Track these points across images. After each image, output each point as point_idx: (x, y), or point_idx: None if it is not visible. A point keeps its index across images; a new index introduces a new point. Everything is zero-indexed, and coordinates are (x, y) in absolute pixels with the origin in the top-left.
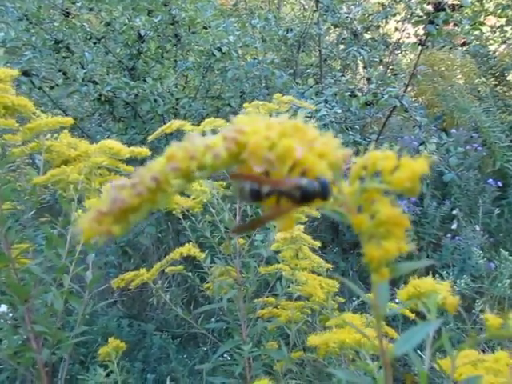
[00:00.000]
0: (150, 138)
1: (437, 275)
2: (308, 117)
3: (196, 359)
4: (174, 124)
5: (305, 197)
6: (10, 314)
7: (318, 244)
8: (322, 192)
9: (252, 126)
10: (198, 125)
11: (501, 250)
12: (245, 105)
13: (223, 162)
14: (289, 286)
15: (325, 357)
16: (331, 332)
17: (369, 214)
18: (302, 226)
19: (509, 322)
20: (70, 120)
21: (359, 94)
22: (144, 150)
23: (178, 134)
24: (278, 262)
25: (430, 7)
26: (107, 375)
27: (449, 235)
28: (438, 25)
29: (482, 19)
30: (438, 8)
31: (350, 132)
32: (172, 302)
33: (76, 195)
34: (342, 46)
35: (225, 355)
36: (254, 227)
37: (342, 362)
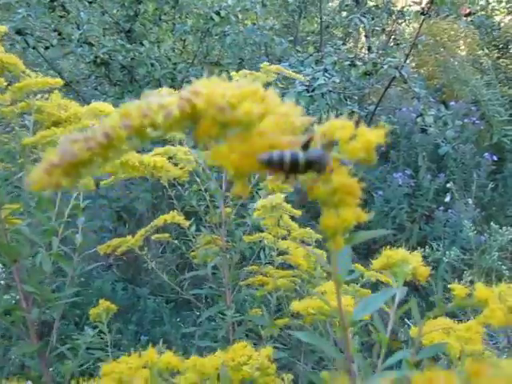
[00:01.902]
0: None
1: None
2: (306, 85)
3: (189, 323)
4: (162, 91)
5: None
6: (3, 275)
7: (299, 213)
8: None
9: (209, 88)
10: None
11: (491, 223)
12: (232, 73)
13: (176, 121)
14: (271, 256)
15: (311, 324)
16: (311, 299)
17: (325, 183)
18: (282, 195)
19: (474, 292)
20: (59, 81)
21: (359, 63)
22: None
23: None
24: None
25: None
26: (98, 335)
27: (442, 208)
28: None
29: None
30: None
31: (348, 102)
32: (165, 268)
33: None
34: (344, 14)
35: (215, 319)
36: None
37: (327, 328)
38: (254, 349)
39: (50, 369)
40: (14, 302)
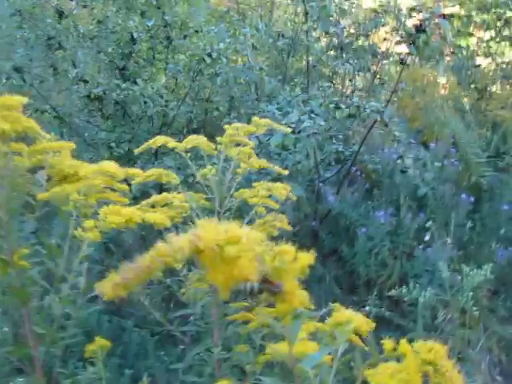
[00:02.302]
0: (136, 150)
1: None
2: (292, 128)
3: (174, 357)
4: (159, 140)
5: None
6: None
7: None
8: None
9: (207, 233)
10: (183, 134)
11: (463, 265)
12: (225, 126)
13: (187, 256)
14: None
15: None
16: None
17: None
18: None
19: (399, 347)
20: (72, 145)
21: (343, 106)
22: (137, 171)
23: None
24: None
25: (412, 27)
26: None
27: (421, 246)
28: (418, 46)
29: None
30: (419, 29)
31: (334, 141)
32: (151, 301)
33: (75, 212)
34: (331, 52)
35: (201, 355)
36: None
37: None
38: None
39: None
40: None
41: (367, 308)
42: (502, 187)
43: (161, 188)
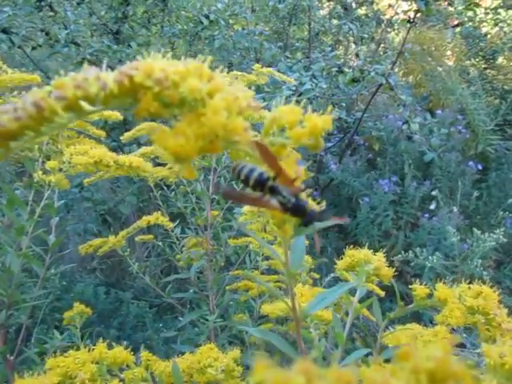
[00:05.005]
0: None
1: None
2: (293, 90)
3: (172, 328)
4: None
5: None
6: None
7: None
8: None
9: (150, 62)
10: None
11: (474, 229)
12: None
13: (113, 95)
14: (256, 261)
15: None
16: (279, 301)
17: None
18: None
19: (435, 292)
20: (36, 77)
21: (346, 70)
22: (114, 113)
23: None
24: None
25: None
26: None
27: (427, 215)
28: (428, 1)
29: (477, 0)
30: None
31: (336, 109)
32: (150, 272)
33: (41, 156)
34: (334, 22)
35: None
36: (240, 200)
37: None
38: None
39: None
40: None
41: None
42: (509, 156)
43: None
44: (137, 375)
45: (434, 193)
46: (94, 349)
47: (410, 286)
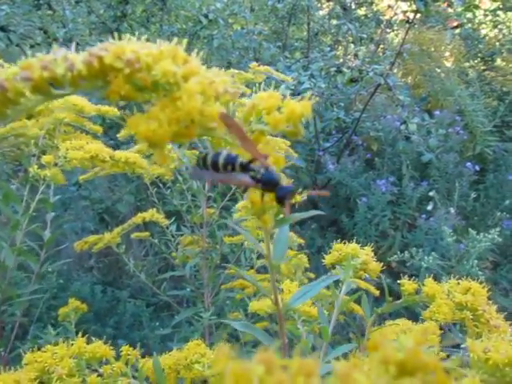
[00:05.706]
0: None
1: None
2: (291, 89)
3: (168, 327)
4: None
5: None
6: None
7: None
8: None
9: (121, 44)
10: None
11: (469, 229)
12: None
13: (82, 76)
14: (251, 258)
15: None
16: (267, 298)
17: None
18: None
19: (423, 287)
20: None
21: (345, 70)
22: (111, 109)
23: None
24: None
25: None
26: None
27: (424, 216)
28: (427, 2)
29: (476, 2)
30: None
31: (335, 109)
32: (147, 271)
33: (36, 151)
34: (334, 22)
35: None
36: (209, 178)
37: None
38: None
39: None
40: None
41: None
42: (507, 157)
43: None
44: (116, 370)
45: (431, 193)
46: (72, 344)
47: (398, 282)
